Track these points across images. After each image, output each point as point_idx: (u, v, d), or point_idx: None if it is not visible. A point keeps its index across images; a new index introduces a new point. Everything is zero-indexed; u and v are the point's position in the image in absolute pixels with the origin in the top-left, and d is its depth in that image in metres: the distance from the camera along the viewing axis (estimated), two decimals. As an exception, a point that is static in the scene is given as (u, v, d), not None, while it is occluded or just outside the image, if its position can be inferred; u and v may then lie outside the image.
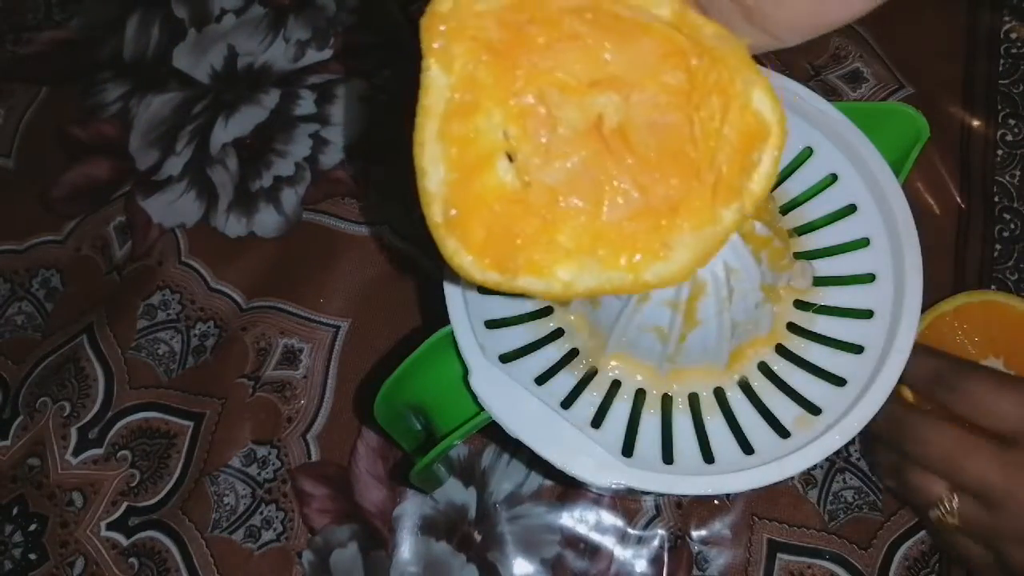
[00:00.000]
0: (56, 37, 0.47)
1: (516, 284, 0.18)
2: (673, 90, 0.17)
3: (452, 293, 0.26)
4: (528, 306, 0.27)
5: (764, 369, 0.26)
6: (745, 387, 0.26)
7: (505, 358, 0.26)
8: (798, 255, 0.27)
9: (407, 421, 0.29)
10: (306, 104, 0.43)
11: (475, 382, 0.25)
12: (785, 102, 0.28)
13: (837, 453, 0.24)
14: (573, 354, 0.26)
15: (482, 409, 0.25)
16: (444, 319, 0.26)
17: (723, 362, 0.25)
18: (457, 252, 0.18)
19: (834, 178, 0.28)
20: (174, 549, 0.36)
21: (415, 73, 0.20)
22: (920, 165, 0.28)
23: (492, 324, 0.26)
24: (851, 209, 0.27)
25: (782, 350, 0.26)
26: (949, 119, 0.40)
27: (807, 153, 0.28)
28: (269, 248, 0.41)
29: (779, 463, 0.23)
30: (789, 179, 0.28)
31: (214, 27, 0.46)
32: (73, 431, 0.38)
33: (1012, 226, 0.38)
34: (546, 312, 0.27)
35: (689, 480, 0.23)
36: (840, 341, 0.25)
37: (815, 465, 0.24)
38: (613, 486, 0.23)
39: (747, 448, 0.24)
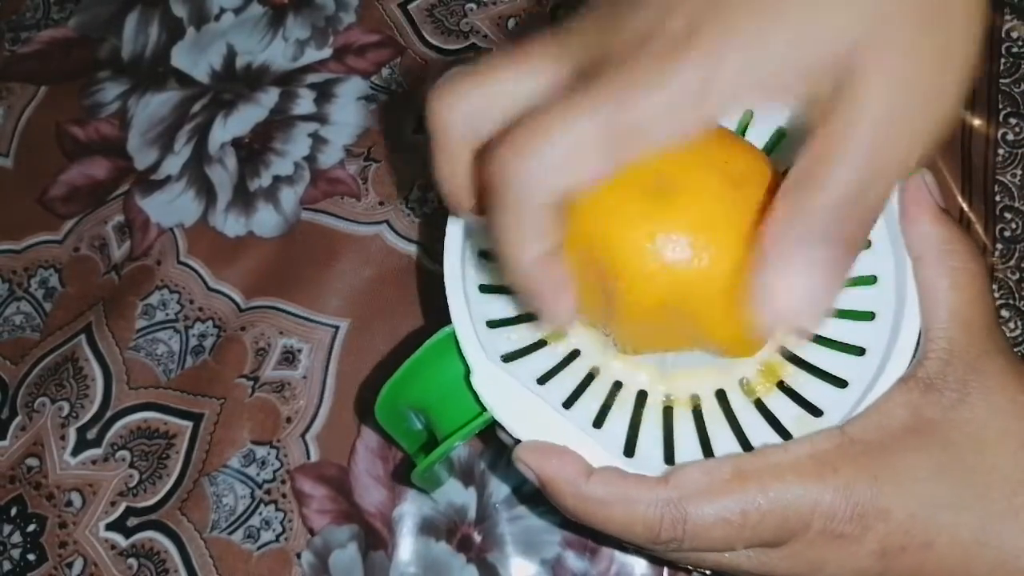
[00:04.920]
0: (54, 36, 0.47)
1: None
2: None
3: (454, 293, 0.26)
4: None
5: (766, 371, 0.26)
6: (746, 388, 0.26)
7: (507, 358, 0.26)
8: None
9: (408, 422, 0.28)
10: (305, 103, 0.43)
11: (477, 382, 0.25)
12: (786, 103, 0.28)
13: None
14: (575, 354, 0.26)
15: (484, 409, 0.25)
16: (445, 319, 0.26)
17: (725, 365, 0.25)
18: None
19: None
20: (173, 550, 0.35)
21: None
22: (920, 165, 0.28)
23: (494, 324, 0.26)
24: None
25: (784, 352, 0.26)
26: (950, 118, 0.40)
27: None
28: (268, 248, 0.40)
29: None
30: None
31: (213, 26, 0.46)
32: (72, 431, 0.38)
33: (1013, 225, 0.38)
34: None
35: None
36: (841, 343, 0.25)
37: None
38: None
39: (748, 449, 0.24)
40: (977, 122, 0.40)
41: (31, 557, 0.36)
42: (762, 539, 0.22)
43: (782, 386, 0.25)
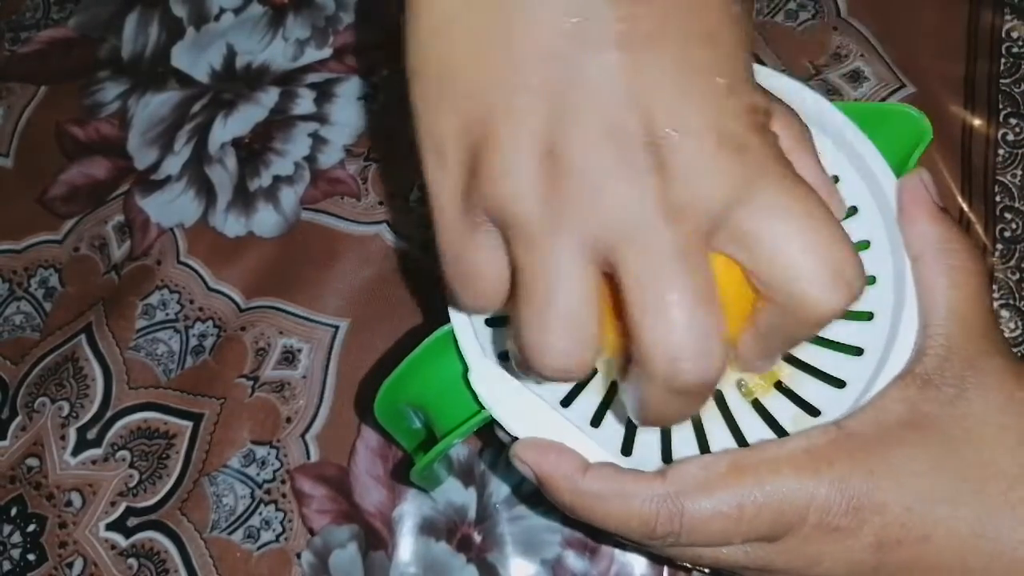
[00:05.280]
0: (54, 36, 0.47)
1: None
2: None
3: None
4: None
5: None
6: (744, 389, 0.26)
7: (505, 356, 0.26)
8: None
9: (407, 420, 0.28)
10: (305, 103, 0.43)
11: (475, 380, 0.25)
12: (785, 101, 0.28)
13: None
14: None
15: (482, 407, 0.25)
16: (444, 317, 0.26)
17: None
18: None
19: (835, 180, 0.28)
20: (173, 550, 0.35)
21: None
22: (921, 165, 0.28)
23: (492, 322, 0.26)
24: (852, 211, 0.27)
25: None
26: (950, 118, 0.40)
27: None
28: (268, 248, 0.40)
29: None
30: None
31: (213, 25, 0.46)
32: (72, 431, 0.38)
33: (1014, 226, 0.38)
34: None
35: None
36: (839, 343, 0.25)
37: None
38: None
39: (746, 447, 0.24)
40: (977, 122, 0.40)
41: (31, 557, 0.36)
42: (759, 533, 0.22)
43: (780, 386, 0.25)
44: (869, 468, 0.22)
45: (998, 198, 0.39)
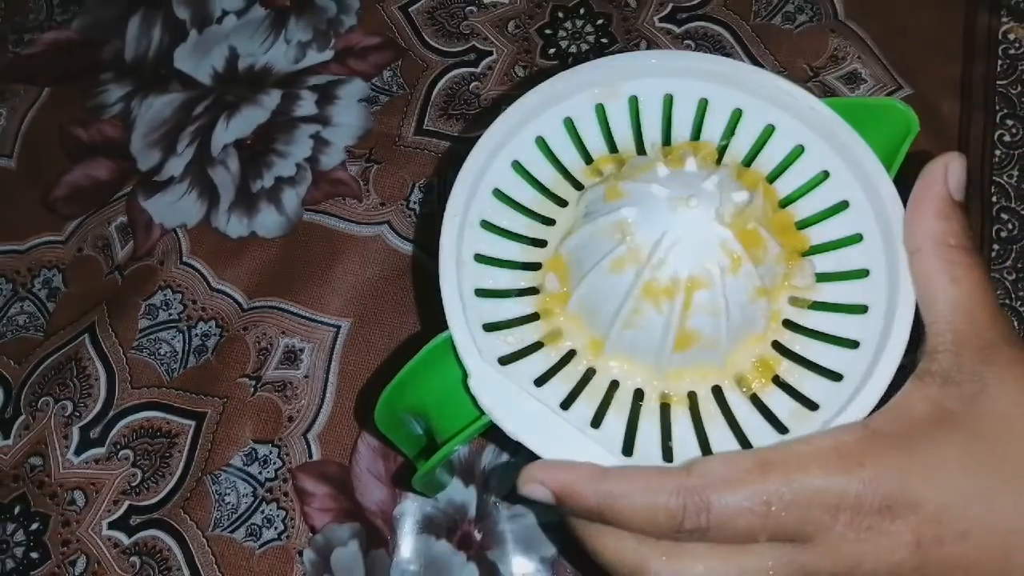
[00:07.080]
0: (58, 38, 0.47)
1: None
2: None
3: (450, 296, 0.26)
4: (525, 309, 0.27)
5: (760, 366, 0.26)
6: (742, 384, 0.26)
7: (504, 360, 0.26)
8: None
9: (408, 427, 0.28)
10: (307, 105, 0.43)
11: (474, 385, 0.25)
12: (776, 100, 0.28)
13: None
14: (571, 355, 0.26)
15: (482, 413, 0.25)
16: (441, 321, 0.26)
17: (720, 361, 0.26)
18: None
19: (826, 175, 0.28)
20: (175, 548, 0.36)
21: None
22: (917, 164, 0.28)
23: (490, 327, 0.26)
24: (844, 205, 0.27)
25: (778, 346, 0.26)
26: (947, 119, 0.41)
27: (798, 151, 0.28)
28: (270, 248, 0.41)
29: None
30: (780, 178, 0.28)
31: (215, 28, 0.46)
32: (75, 430, 0.38)
33: (1010, 226, 0.38)
34: (544, 315, 0.27)
35: None
36: (835, 337, 0.25)
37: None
38: None
39: (746, 445, 0.25)
40: (974, 123, 0.40)
41: (34, 555, 0.36)
42: (785, 531, 0.22)
43: (777, 380, 0.25)
44: (900, 466, 0.22)
45: (994, 199, 0.39)
